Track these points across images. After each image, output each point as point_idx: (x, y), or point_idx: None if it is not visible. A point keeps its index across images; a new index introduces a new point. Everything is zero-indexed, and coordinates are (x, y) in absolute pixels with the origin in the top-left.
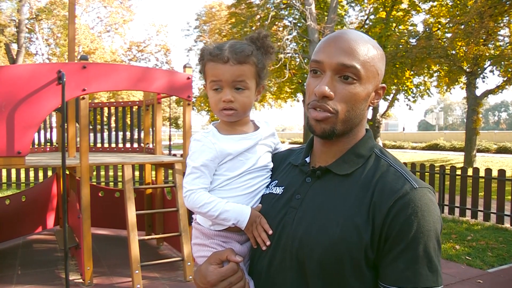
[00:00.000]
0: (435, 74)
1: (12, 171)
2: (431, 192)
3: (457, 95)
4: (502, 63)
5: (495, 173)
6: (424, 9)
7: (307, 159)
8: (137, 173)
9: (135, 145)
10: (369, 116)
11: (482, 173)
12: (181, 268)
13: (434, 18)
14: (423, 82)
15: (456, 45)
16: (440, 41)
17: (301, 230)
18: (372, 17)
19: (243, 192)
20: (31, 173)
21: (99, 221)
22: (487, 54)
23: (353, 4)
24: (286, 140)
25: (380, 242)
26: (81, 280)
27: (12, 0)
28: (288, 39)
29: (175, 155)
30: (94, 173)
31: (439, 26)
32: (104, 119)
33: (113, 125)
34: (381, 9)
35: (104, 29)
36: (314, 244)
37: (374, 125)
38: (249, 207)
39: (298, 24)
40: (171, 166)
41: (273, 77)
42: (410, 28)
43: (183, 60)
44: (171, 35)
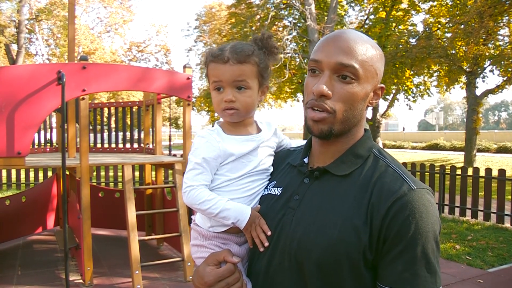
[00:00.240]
0: (435, 74)
1: (12, 172)
2: (430, 193)
3: (457, 95)
4: (502, 63)
5: (495, 173)
6: (424, 9)
7: (306, 160)
8: (137, 174)
9: (135, 146)
10: (369, 116)
11: (482, 173)
12: (181, 269)
13: (434, 18)
14: (423, 82)
15: (456, 45)
16: (440, 41)
17: (300, 231)
18: (372, 17)
19: (242, 195)
20: (31, 174)
21: (99, 222)
22: (487, 54)
23: (353, 4)
24: None
25: (379, 243)
26: (81, 281)
27: (12, 1)
28: (288, 39)
29: (175, 156)
30: (94, 174)
31: (439, 26)
32: (104, 120)
33: (113, 126)
34: (381, 9)
35: (104, 30)
36: (313, 245)
37: (374, 125)
38: (250, 207)
39: (298, 24)
40: (171, 167)
41: (273, 77)
42: (410, 28)
43: (183, 60)
44: (171, 35)
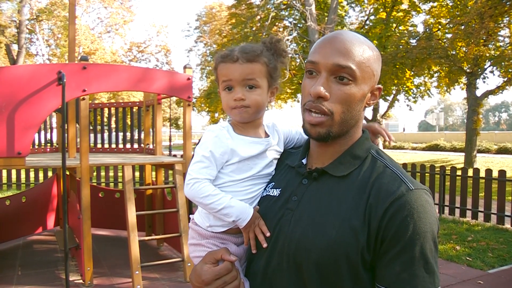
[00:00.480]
0: (436, 75)
1: (13, 172)
2: (428, 194)
3: (458, 96)
4: (503, 64)
5: (496, 174)
6: (424, 10)
7: (304, 161)
8: (137, 174)
9: (135, 146)
10: (369, 117)
11: (483, 174)
12: (181, 269)
13: (435, 19)
14: (424, 83)
15: (457, 46)
16: (441, 42)
17: (298, 232)
18: (372, 18)
19: (244, 197)
20: (31, 174)
21: (99, 222)
22: (487, 55)
23: (353, 5)
24: None
25: (377, 244)
26: (81, 281)
27: (13, 1)
28: (289, 40)
29: (176, 156)
30: (94, 174)
31: (439, 27)
32: (105, 120)
33: (113, 126)
34: (381, 10)
35: (105, 30)
36: (311, 246)
37: None
38: (252, 208)
39: (299, 25)
40: (171, 167)
41: None
42: (411, 29)
43: (184, 61)
44: (172, 36)
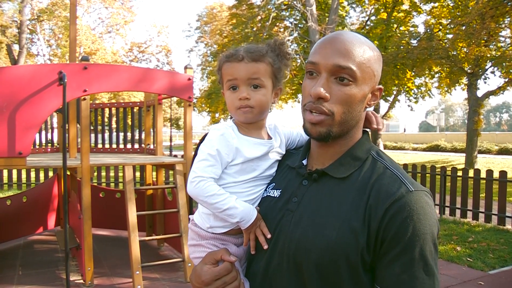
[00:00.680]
0: (436, 75)
1: (13, 172)
2: (428, 195)
3: (458, 96)
4: (504, 64)
5: (497, 175)
6: (425, 10)
7: (304, 162)
8: (138, 174)
9: (136, 146)
10: None
11: (483, 175)
12: (182, 269)
13: (435, 19)
14: (424, 83)
15: (457, 46)
16: (441, 42)
17: (298, 233)
18: (373, 18)
19: (245, 198)
20: (32, 174)
21: (100, 222)
22: (488, 55)
23: (354, 5)
24: None
25: (376, 245)
26: (82, 281)
27: (14, 1)
28: (289, 40)
29: (176, 156)
30: (95, 174)
31: (440, 27)
32: (105, 120)
33: (114, 126)
34: (382, 10)
35: (105, 30)
36: (311, 247)
37: None
38: (256, 210)
39: (299, 25)
40: (172, 167)
41: None
42: (411, 29)
43: (184, 61)
44: (172, 36)
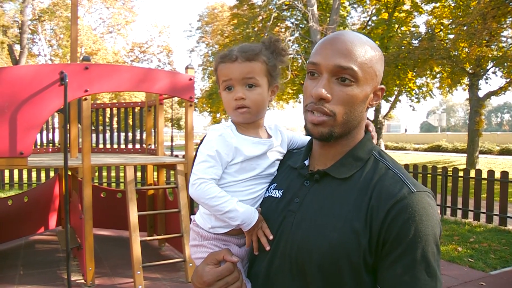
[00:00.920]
0: (438, 76)
1: (15, 172)
2: (430, 196)
3: (460, 97)
4: (505, 65)
5: (498, 175)
6: (427, 10)
7: (306, 162)
8: (139, 174)
9: (137, 146)
10: (371, 117)
11: (485, 175)
12: (183, 269)
13: (437, 19)
14: (426, 84)
15: (459, 46)
16: (443, 42)
17: (300, 234)
18: (375, 18)
19: (247, 197)
20: (33, 174)
21: (101, 222)
22: (490, 56)
23: (355, 6)
24: None
25: (378, 247)
26: (83, 281)
27: (15, 1)
28: (290, 40)
29: (177, 156)
30: (96, 174)
31: (442, 27)
32: (106, 120)
33: (115, 126)
34: (384, 10)
35: (107, 30)
36: (313, 249)
37: (376, 126)
38: (257, 212)
39: (300, 25)
40: (173, 167)
41: None
42: (413, 29)
43: (185, 61)
44: (173, 36)
